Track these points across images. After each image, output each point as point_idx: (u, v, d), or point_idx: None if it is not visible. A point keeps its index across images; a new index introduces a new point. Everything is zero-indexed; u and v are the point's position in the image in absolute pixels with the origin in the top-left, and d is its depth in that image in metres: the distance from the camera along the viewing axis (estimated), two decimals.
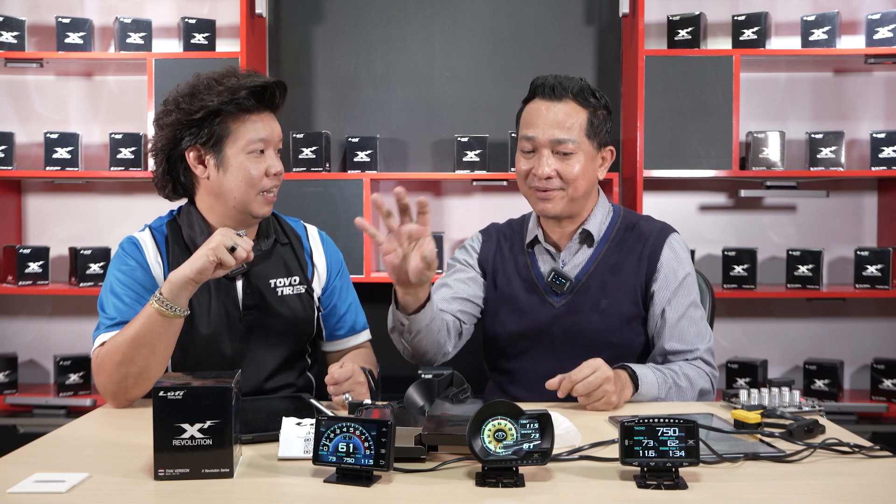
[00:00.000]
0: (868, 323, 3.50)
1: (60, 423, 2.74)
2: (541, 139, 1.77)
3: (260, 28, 3.41)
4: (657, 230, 1.86)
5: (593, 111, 1.79)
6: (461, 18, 3.53)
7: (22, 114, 3.54)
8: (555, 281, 1.83)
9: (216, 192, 1.76)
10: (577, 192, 1.79)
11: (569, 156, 1.76)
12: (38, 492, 1.14)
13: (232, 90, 1.70)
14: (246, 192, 1.74)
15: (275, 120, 1.80)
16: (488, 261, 1.93)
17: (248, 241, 1.62)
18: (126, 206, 3.56)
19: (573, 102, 1.78)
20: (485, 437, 1.18)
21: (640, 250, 1.83)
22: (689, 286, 1.82)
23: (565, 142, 1.75)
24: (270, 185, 1.76)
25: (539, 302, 1.85)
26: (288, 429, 1.32)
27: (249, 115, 1.73)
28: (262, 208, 1.76)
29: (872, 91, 3.48)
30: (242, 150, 1.72)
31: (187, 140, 1.73)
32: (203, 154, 1.74)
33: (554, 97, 1.78)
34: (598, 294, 1.81)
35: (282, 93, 1.78)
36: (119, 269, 1.75)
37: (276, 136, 1.78)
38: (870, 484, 1.18)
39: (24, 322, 3.58)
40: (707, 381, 1.77)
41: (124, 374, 1.61)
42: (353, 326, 1.95)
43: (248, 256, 1.61)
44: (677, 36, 3.35)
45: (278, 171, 1.76)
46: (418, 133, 3.53)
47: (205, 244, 1.60)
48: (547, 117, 1.77)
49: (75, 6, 3.52)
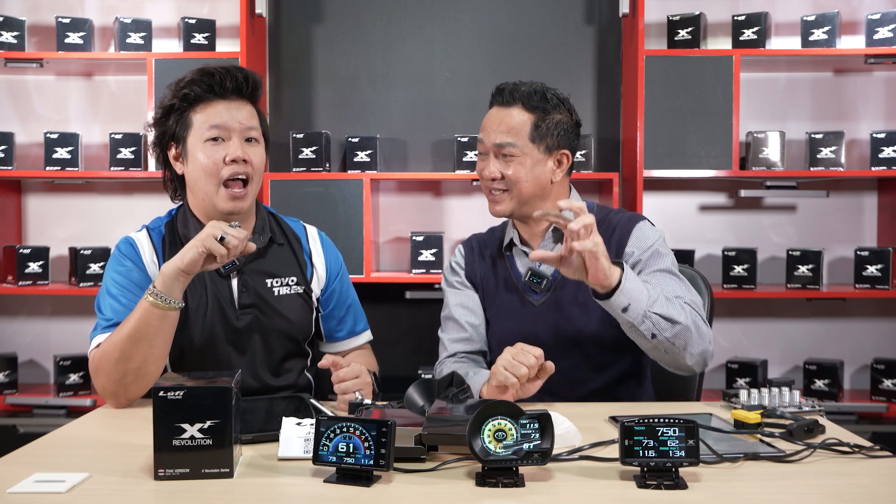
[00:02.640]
0: (868, 323, 3.50)
1: (60, 423, 2.75)
2: (487, 143, 1.84)
3: (260, 28, 3.41)
4: (626, 219, 1.88)
5: (541, 116, 1.82)
6: (461, 18, 3.53)
7: (22, 114, 3.54)
8: (532, 280, 1.86)
9: (191, 187, 1.77)
10: (523, 195, 1.83)
11: (511, 158, 1.81)
12: (38, 492, 1.14)
13: (187, 83, 1.73)
14: (206, 183, 1.72)
15: (243, 107, 1.76)
16: (475, 272, 1.97)
17: (240, 231, 1.59)
18: (126, 206, 3.56)
19: (520, 108, 1.83)
20: (485, 437, 1.18)
21: (608, 240, 1.84)
22: (658, 257, 1.79)
23: (506, 145, 1.81)
24: (229, 172, 1.71)
25: (519, 302, 1.88)
26: (288, 429, 1.32)
27: (207, 104, 1.73)
28: (226, 204, 1.72)
29: (872, 91, 3.48)
30: (200, 138, 1.72)
31: (163, 138, 1.78)
32: (176, 149, 1.77)
33: (503, 103, 1.85)
34: (576, 288, 1.82)
35: (243, 80, 1.74)
36: (115, 270, 1.75)
37: (237, 122, 1.73)
38: (870, 484, 1.18)
39: (24, 322, 3.58)
40: (697, 317, 1.68)
41: (123, 371, 1.61)
42: (353, 328, 1.95)
43: (242, 246, 1.59)
44: (677, 36, 3.35)
45: (236, 158, 1.70)
46: (418, 133, 3.53)
47: (196, 236, 1.60)
48: (494, 122, 1.84)
49: (75, 6, 3.52)
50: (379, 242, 3.54)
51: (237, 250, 1.58)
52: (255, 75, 1.78)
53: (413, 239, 3.28)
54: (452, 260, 2.02)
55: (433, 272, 3.26)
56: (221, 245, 1.56)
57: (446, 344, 1.93)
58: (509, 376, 1.56)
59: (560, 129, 1.85)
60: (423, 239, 3.28)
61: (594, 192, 3.51)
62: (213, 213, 1.76)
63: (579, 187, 3.49)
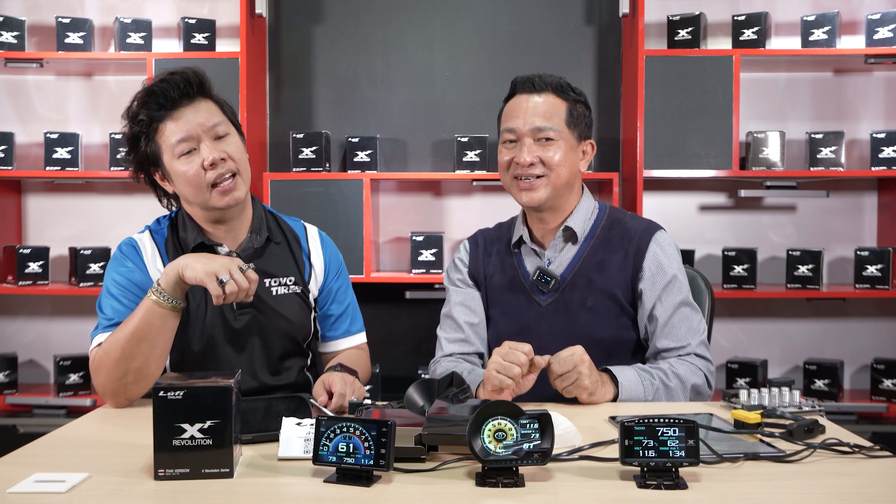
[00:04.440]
0: (868, 323, 3.50)
1: (60, 423, 2.75)
2: (522, 129, 1.81)
3: (260, 28, 3.41)
4: (643, 228, 1.86)
5: (573, 104, 1.84)
6: (461, 18, 3.53)
7: (22, 114, 3.54)
8: (540, 279, 1.84)
9: (184, 199, 1.77)
10: (560, 180, 1.81)
11: (550, 142, 1.80)
12: (38, 492, 1.14)
13: (137, 109, 1.71)
14: (196, 193, 1.71)
15: (199, 108, 1.71)
16: (479, 269, 1.95)
17: (248, 277, 1.58)
18: (126, 206, 3.56)
19: (552, 94, 1.83)
20: (485, 437, 1.18)
21: (625, 248, 1.83)
22: (678, 284, 1.82)
23: (546, 129, 1.80)
24: (214, 176, 1.69)
25: (526, 301, 1.86)
26: (288, 429, 1.32)
27: (163, 121, 1.70)
28: (220, 200, 1.71)
29: (872, 91, 3.48)
30: (173, 156, 1.70)
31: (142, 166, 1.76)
32: (159, 172, 1.76)
33: (534, 90, 1.83)
34: (585, 292, 1.82)
35: (185, 83, 1.70)
36: (117, 270, 1.75)
37: (197, 126, 1.69)
38: (870, 484, 1.18)
39: (24, 322, 3.58)
40: (700, 377, 1.76)
41: (124, 370, 1.61)
42: (349, 329, 1.94)
43: (242, 296, 1.57)
44: (677, 36, 3.35)
45: (213, 161, 1.67)
46: (418, 133, 3.53)
47: (209, 260, 1.58)
48: (528, 108, 1.82)
49: (75, 6, 3.53)
50: (379, 242, 3.54)
51: (233, 297, 1.57)
52: (195, 70, 1.74)
53: (413, 239, 3.28)
54: (456, 256, 2.00)
55: (433, 272, 3.26)
56: (220, 288, 1.55)
57: (443, 343, 1.92)
58: (504, 379, 1.57)
59: (585, 120, 1.87)
60: (423, 239, 3.28)
61: (594, 192, 3.51)
62: (208, 218, 1.76)
63: None
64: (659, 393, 1.69)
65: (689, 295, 1.84)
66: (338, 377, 1.65)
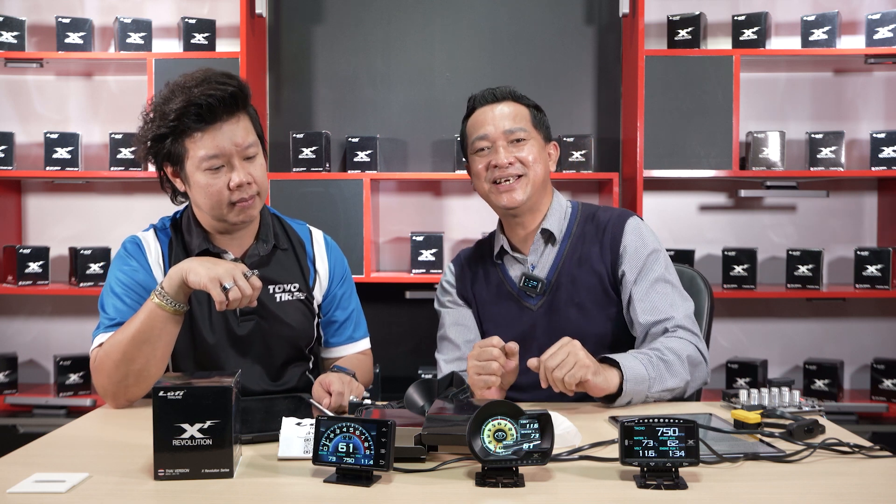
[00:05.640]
0: (868, 323, 3.50)
1: (60, 423, 2.74)
2: (494, 133, 1.84)
3: (260, 28, 3.41)
4: (616, 216, 1.89)
5: (532, 108, 1.90)
6: (461, 18, 3.53)
7: (22, 114, 3.54)
8: (527, 284, 1.86)
9: (195, 203, 1.73)
10: (538, 178, 1.84)
11: (523, 142, 1.84)
12: (38, 492, 1.14)
13: (176, 115, 1.63)
14: (213, 207, 1.68)
15: (236, 125, 1.66)
16: (467, 289, 1.96)
17: (252, 284, 1.56)
18: (126, 206, 3.56)
19: (512, 101, 1.88)
20: (485, 437, 1.18)
21: (601, 239, 1.86)
22: (654, 261, 1.82)
23: (517, 130, 1.84)
24: (237, 197, 1.67)
25: (517, 309, 1.88)
26: (288, 429, 1.32)
27: (199, 132, 1.64)
28: (236, 217, 1.69)
29: (872, 91, 3.48)
30: (198, 167, 1.66)
31: (157, 156, 1.70)
32: (174, 168, 1.71)
33: (495, 100, 1.88)
34: (571, 289, 1.83)
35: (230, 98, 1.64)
36: (120, 269, 1.74)
37: (232, 146, 1.65)
38: (870, 484, 1.18)
39: (24, 322, 3.58)
40: (692, 348, 1.73)
41: (125, 372, 1.61)
42: (352, 335, 1.93)
43: (245, 302, 1.56)
44: (677, 36, 3.35)
45: (240, 183, 1.65)
46: (418, 133, 3.53)
47: (214, 265, 1.57)
48: (495, 115, 1.86)
49: (75, 6, 3.53)
50: (379, 242, 3.54)
51: (237, 303, 1.56)
52: (241, 85, 1.69)
53: (413, 239, 3.28)
54: (443, 279, 2.01)
55: (433, 272, 3.26)
56: (223, 294, 1.53)
57: (442, 366, 1.92)
58: (487, 379, 1.60)
59: (546, 122, 1.93)
60: (423, 239, 3.28)
61: (594, 192, 3.52)
62: (216, 226, 1.74)
63: (579, 187, 3.52)
64: (659, 368, 1.66)
65: (668, 274, 1.83)
66: (335, 377, 1.65)
